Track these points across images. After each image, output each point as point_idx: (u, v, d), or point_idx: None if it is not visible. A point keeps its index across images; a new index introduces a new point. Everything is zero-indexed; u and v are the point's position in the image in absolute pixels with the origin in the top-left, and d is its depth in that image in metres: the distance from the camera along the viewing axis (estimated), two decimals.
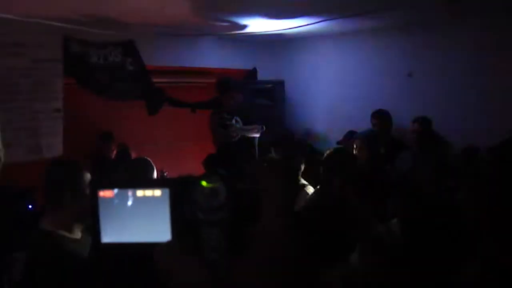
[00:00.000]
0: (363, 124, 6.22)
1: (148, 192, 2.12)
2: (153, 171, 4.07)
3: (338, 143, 6.07)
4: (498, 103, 5.85)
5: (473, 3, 5.07)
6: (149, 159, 4.14)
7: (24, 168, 4.96)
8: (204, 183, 1.56)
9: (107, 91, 5.89)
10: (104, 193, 2.11)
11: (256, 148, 5.99)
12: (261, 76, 7.92)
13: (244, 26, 6.23)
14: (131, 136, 6.58)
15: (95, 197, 2.10)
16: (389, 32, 6.81)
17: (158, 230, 2.16)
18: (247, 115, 6.10)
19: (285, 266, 2.16)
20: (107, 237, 2.16)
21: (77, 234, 2.73)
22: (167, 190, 2.11)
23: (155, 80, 6.18)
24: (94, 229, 2.09)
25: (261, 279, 2.04)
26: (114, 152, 6.49)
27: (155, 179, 2.53)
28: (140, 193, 2.12)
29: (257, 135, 6.00)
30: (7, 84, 5.01)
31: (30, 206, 4.52)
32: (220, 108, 6.03)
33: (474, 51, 6.06)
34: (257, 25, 6.14)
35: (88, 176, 2.86)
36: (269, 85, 7.72)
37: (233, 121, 5.94)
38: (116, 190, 2.15)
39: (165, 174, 5.24)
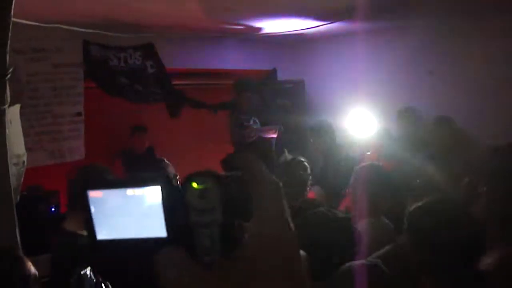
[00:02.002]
0: (385, 123, 6.18)
1: (138, 191, 2.17)
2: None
3: None
4: None
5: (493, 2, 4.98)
6: (167, 161, 4.16)
7: (46, 172, 5.03)
8: (194, 184, 1.54)
9: (128, 94, 5.92)
10: (93, 194, 2.18)
11: (273, 149, 5.95)
12: (281, 76, 7.89)
13: (264, 27, 6.21)
14: (152, 138, 6.58)
15: (85, 197, 2.17)
16: (410, 31, 6.72)
17: (152, 225, 2.22)
18: (266, 116, 6.07)
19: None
20: (101, 234, 2.27)
21: None
22: (158, 188, 2.17)
23: (175, 82, 6.19)
24: (88, 228, 2.17)
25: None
26: (146, 145, 6.48)
27: (144, 177, 2.56)
28: (130, 192, 2.17)
29: (274, 136, 5.97)
30: (28, 89, 5.05)
31: (53, 209, 4.55)
32: (237, 109, 6.02)
33: (497, 50, 5.96)
34: (277, 25, 6.12)
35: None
36: (290, 85, 7.69)
37: (251, 122, 5.92)
38: (104, 191, 2.22)
39: (177, 178, 5.22)
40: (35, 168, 4.69)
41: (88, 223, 2.12)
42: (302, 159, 4.33)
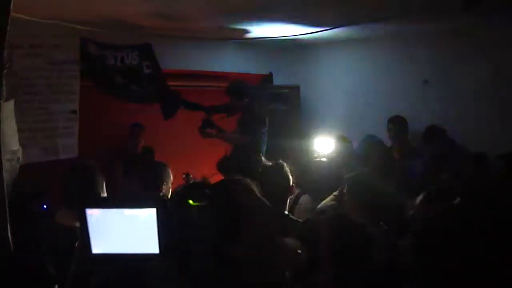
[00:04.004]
0: (379, 130, 6.20)
1: (136, 212, 2.30)
2: (169, 177, 4.06)
3: None
4: None
5: (489, 11, 5.01)
6: (166, 164, 4.14)
7: (38, 168, 5.02)
8: (190, 201, 1.61)
9: (124, 93, 5.92)
10: (91, 211, 2.32)
11: (262, 154, 5.87)
12: (276, 81, 7.91)
13: (260, 32, 6.22)
14: (148, 138, 6.58)
15: (83, 214, 2.32)
16: (405, 39, 6.77)
17: (146, 242, 2.36)
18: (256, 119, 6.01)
19: None
20: (97, 249, 2.41)
21: None
22: (154, 210, 2.31)
23: (171, 83, 6.18)
24: (84, 242, 2.30)
25: None
26: (142, 143, 6.48)
27: (142, 199, 2.70)
28: (128, 212, 2.31)
29: (242, 144, 5.84)
30: (23, 85, 5.04)
31: (44, 206, 4.53)
32: (231, 112, 6.02)
33: (490, 60, 6.02)
34: (273, 30, 6.14)
35: (102, 178, 3.04)
36: (285, 90, 7.70)
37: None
38: (102, 210, 2.35)
39: (190, 176, 5.18)
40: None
41: (83, 238, 2.26)
42: (284, 164, 3.93)
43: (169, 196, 3.90)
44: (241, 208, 2.31)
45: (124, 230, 2.39)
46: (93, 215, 2.39)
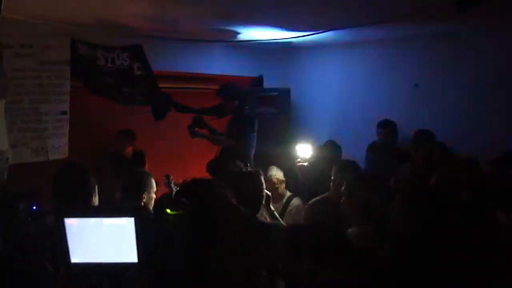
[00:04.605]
0: (369, 134, 6.23)
1: (114, 221, 2.31)
2: (151, 186, 4.03)
3: None
4: (505, 115, 5.86)
5: (481, 14, 5.05)
6: (149, 174, 4.15)
7: (27, 169, 5.01)
8: (168, 210, 1.63)
9: (114, 95, 5.91)
10: (70, 221, 2.32)
11: (250, 158, 5.88)
12: (267, 84, 7.92)
13: (250, 34, 6.24)
14: (138, 140, 6.57)
15: (61, 223, 2.33)
16: (395, 43, 6.82)
17: (124, 251, 2.37)
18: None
19: None
20: (76, 258, 2.43)
21: None
22: (132, 219, 2.34)
23: (162, 85, 6.18)
24: (62, 251, 2.31)
25: None
26: (130, 149, 6.47)
27: (119, 207, 2.72)
28: (106, 221, 2.32)
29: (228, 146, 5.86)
30: (13, 85, 5.02)
31: (34, 207, 4.51)
32: (222, 114, 6.03)
33: (480, 64, 6.07)
34: (264, 33, 6.16)
35: (93, 179, 3.06)
36: (275, 93, 7.72)
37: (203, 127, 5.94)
38: (80, 219, 2.35)
39: (170, 178, 5.20)
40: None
41: (62, 247, 2.27)
42: (259, 172, 3.88)
43: (151, 205, 3.89)
44: (215, 214, 2.32)
45: (103, 239, 2.40)
46: (72, 224, 2.40)
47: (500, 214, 3.47)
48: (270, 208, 3.95)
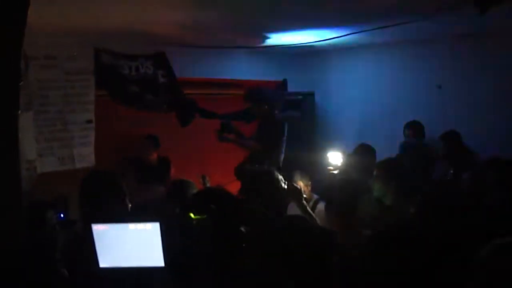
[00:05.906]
0: (393, 135, 6.16)
1: (140, 226, 2.40)
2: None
3: None
4: None
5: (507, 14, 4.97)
6: (191, 181, 4.13)
7: (54, 178, 5.07)
8: (191, 215, 1.63)
9: (138, 103, 5.94)
10: (97, 227, 2.37)
11: (280, 163, 5.83)
12: (291, 87, 7.89)
13: (275, 39, 6.23)
14: (164, 146, 6.59)
15: (89, 229, 2.44)
16: (419, 44, 6.73)
17: (151, 256, 2.44)
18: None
19: None
20: (103, 263, 2.49)
21: None
22: (157, 224, 2.39)
23: (186, 91, 6.20)
24: (91, 257, 2.35)
25: None
26: (155, 155, 6.46)
27: (146, 213, 2.77)
28: (132, 226, 2.36)
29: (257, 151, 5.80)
30: (39, 96, 5.09)
31: (61, 216, 4.55)
32: (250, 118, 6.01)
33: (504, 65, 5.96)
34: (288, 37, 6.14)
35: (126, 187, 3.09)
36: (299, 97, 7.69)
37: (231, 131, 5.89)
38: (108, 225, 2.40)
39: (206, 178, 5.18)
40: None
41: (90, 253, 2.30)
42: (275, 171, 3.81)
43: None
44: (239, 219, 2.31)
45: (130, 244, 2.46)
46: (99, 230, 2.45)
47: None
48: (302, 204, 3.82)
